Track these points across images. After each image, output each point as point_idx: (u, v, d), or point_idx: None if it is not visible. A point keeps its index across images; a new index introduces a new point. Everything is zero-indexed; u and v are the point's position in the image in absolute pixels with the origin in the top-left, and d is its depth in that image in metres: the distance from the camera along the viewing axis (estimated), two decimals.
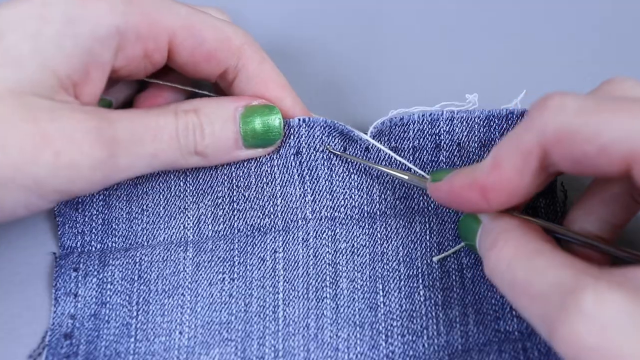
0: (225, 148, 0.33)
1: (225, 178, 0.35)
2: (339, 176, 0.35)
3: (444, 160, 0.35)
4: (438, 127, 0.35)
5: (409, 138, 0.35)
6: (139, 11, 0.31)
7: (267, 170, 0.35)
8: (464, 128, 0.34)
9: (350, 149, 0.35)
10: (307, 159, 0.35)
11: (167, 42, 0.32)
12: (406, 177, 0.33)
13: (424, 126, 0.35)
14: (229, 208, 0.35)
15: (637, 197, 0.30)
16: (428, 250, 0.34)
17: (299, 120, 0.35)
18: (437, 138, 0.35)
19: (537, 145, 0.26)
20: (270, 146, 0.35)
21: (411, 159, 0.35)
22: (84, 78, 0.30)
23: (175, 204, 0.35)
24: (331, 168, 0.35)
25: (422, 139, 0.35)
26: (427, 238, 0.34)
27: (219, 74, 0.34)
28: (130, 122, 0.30)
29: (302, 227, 0.35)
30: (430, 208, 0.35)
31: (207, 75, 0.34)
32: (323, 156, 0.35)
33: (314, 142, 0.35)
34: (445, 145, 0.35)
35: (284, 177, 0.35)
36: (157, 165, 0.32)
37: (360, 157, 0.35)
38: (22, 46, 0.29)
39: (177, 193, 0.35)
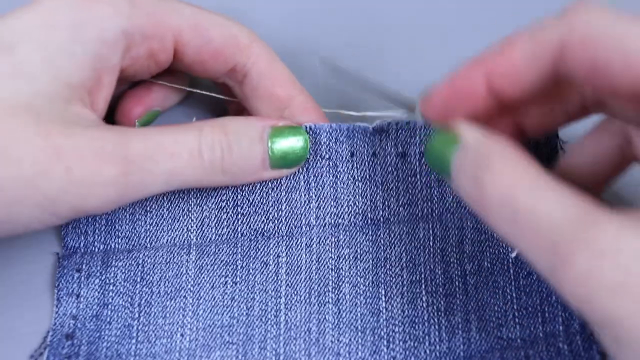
0: (253, 168, 0.33)
1: None
2: (343, 183, 0.35)
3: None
4: None
5: (416, 143, 0.35)
6: (143, 12, 0.31)
7: None
8: None
9: (357, 154, 0.35)
10: (314, 166, 0.35)
11: (172, 42, 0.32)
12: (403, 113, 0.32)
13: (430, 131, 0.35)
14: (232, 212, 0.35)
15: (628, 152, 0.29)
16: (431, 256, 0.34)
17: (305, 127, 0.35)
18: None
19: (558, 40, 0.24)
20: (294, 167, 0.35)
21: (417, 164, 0.35)
22: (97, 84, 0.31)
23: (178, 206, 0.35)
24: (336, 175, 0.35)
25: None
26: (431, 244, 0.34)
27: (226, 72, 0.34)
28: (143, 139, 0.30)
29: (305, 233, 0.35)
30: (434, 215, 0.35)
31: (214, 74, 0.34)
32: (329, 163, 0.35)
33: (320, 149, 0.35)
34: None
35: (290, 183, 0.35)
36: (178, 184, 0.31)
37: (367, 160, 0.35)
38: (33, 58, 0.29)
39: (180, 195, 0.35)
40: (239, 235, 0.35)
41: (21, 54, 0.29)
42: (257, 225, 0.35)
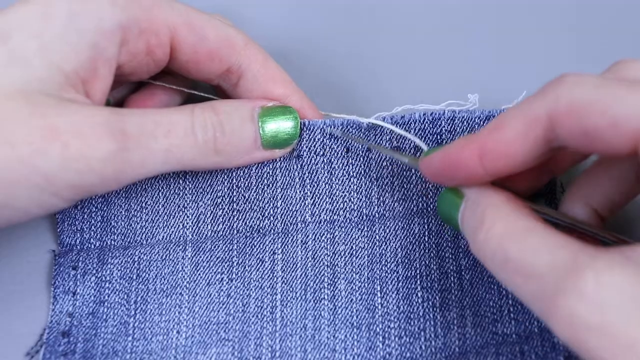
0: (245, 147, 0.33)
1: (225, 178, 0.35)
2: (338, 180, 0.35)
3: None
4: (440, 126, 0.35)
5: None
6: (139, 6, 0.31)
7: (268, 172, 0.35)
8: (464, 127, 0.35)
9: (353, 149, 0.35)
10: (308, 163, 0.35)
11: (169, 39, 0.32)
12: (406, 160, 0.33)
13: (425, 125, 0.35)
14: (228, 208, 0.35)
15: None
16: (426, 251, 0.34)
17: (300, 123, 0.35)
18: (438, 137, 0.35)
19: (546, 114, 0.25)
20: (287, 147, 0.35)
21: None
22: (92, 74, 0.31)
23: (174, 202, 0.35)
24: (331, 172, 0.35)
25: (423, 139, 0.35)
26: (426, 239, 0.34)
27: (220, 74, 0.34)
28: (140, 117, 0.30)
29: (301, 230, 0.35)
30: (429, 210, 0.35)
31: (209, 75, 0.34)
32: (323, 160, 0.35)
33: (314, 146, 0.35)
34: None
35: (285, 180, 0.35)
36: (174, 162, 0.31)
37: (361, 155, 0.35)
38: (28, 45, 0.29)
39: (176, 191, 0.35)
40: (235, 232, 0.35)
41: (16, 42, 0.29)
42: (253, 222, 0.35)
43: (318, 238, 0.34)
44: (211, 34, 0.33)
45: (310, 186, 0.35)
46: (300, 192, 0.35)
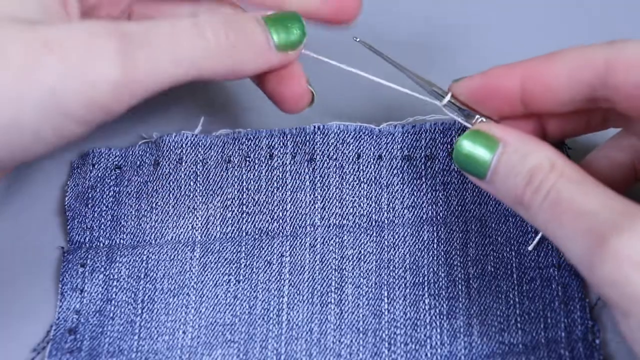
0: (258, 45, 0.31)
1: (236, 180, 0.35)
2: (349, 185, 0.35)
3: (456, 169, 0.35)
4: (450, 135, 0.35)
5: (421, 147, 0.35)
6: None
7: (278, 175, 0.35)
8: None
9: (364, 157, 0.35)
10: (320, 167, 0.35)
11: None
12: (427, 85, 0.32)
13: (436, 135, 0.35)
14: (238, 210, 0.35)
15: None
16: (435, 258, 0.34)
17: (314, 127, 0.35)
18: (449, 147, 0.35)
19: (605, 60, 0.26)
20: (298, 47, 0.32)
21: (423, 167, 0.35)
22: None
23: (184, 204, 0.35)
24: (342, 177, 0.35)
25: (434, 148, 0.35)
26: (435, 247, 0.34)
27: None
28: (138, 22, 0.28)
29: (310, 233, 0.35)
30: (438, 217, 0.35)
31: None
32: (335, 164, 0.35)
33: (327, 150, 0.35)
34: None
35: (296, 183, 0.35)
36: (186, 63, 0.28)
37: (372, 162, 0.35)
38: None
39: (186, 192, 0.35)
40: (244, 234, 0.35)
41: None
42: (262, 224, 0.35)
43: (326, 242, 0.34)
44: None
45: (320, 190, 0.35)
46: (310, 195, 0.35)
